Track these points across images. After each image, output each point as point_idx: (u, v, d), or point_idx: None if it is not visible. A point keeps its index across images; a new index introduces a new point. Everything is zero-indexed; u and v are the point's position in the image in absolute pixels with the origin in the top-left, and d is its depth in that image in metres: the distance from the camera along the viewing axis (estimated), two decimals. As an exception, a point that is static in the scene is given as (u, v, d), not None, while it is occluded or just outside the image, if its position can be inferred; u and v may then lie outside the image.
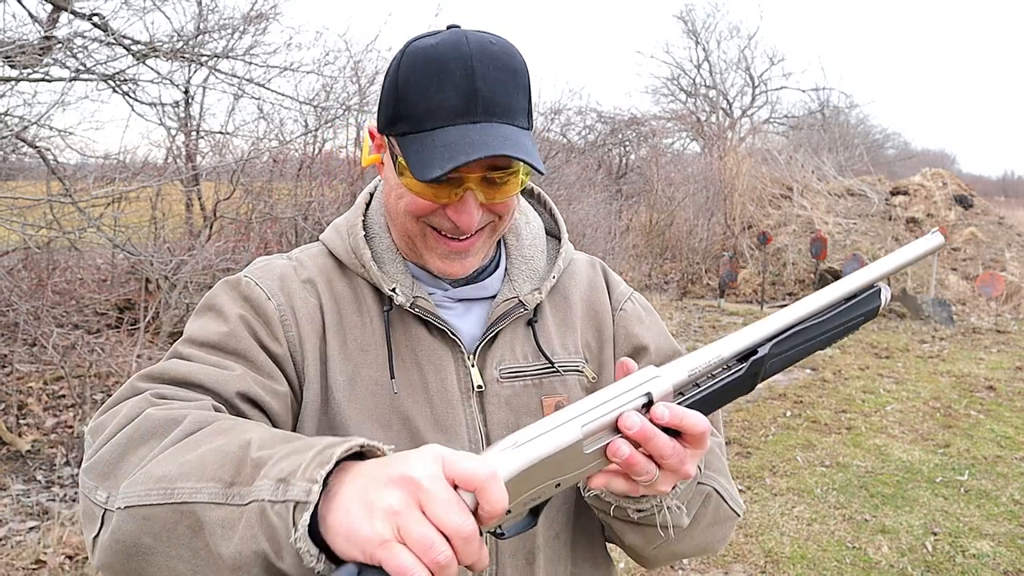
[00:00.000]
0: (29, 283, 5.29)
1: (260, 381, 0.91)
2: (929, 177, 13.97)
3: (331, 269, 1.03)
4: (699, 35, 22.65)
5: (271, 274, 1.00)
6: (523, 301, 1.03)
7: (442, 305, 1.02)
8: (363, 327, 0.99)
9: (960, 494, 4.46)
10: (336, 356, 0.97)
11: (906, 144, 32.03)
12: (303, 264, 1.04)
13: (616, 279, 1.17)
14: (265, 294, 0.97)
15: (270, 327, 0.95)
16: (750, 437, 5.39)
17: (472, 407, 0.99)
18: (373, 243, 1.03)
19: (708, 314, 10.40)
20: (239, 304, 0.96)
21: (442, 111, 0.87)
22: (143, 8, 5.42)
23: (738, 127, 20.96)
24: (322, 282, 1.01)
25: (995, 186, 39.34)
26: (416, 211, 0.93)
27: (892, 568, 3.61)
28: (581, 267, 1.15)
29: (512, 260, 1.07)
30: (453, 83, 0.87)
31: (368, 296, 1.01)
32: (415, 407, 0.97)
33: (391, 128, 0.92)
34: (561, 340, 1.06)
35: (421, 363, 0.99)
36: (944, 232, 3.45)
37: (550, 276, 1.06)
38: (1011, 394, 6.61)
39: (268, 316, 0.95)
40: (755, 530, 3.97)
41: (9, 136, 4.88)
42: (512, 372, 1.02)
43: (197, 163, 6.71)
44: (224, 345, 0.92)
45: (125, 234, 5.96)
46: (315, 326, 0.98)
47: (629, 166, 15.38)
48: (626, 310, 1.13)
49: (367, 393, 0.97)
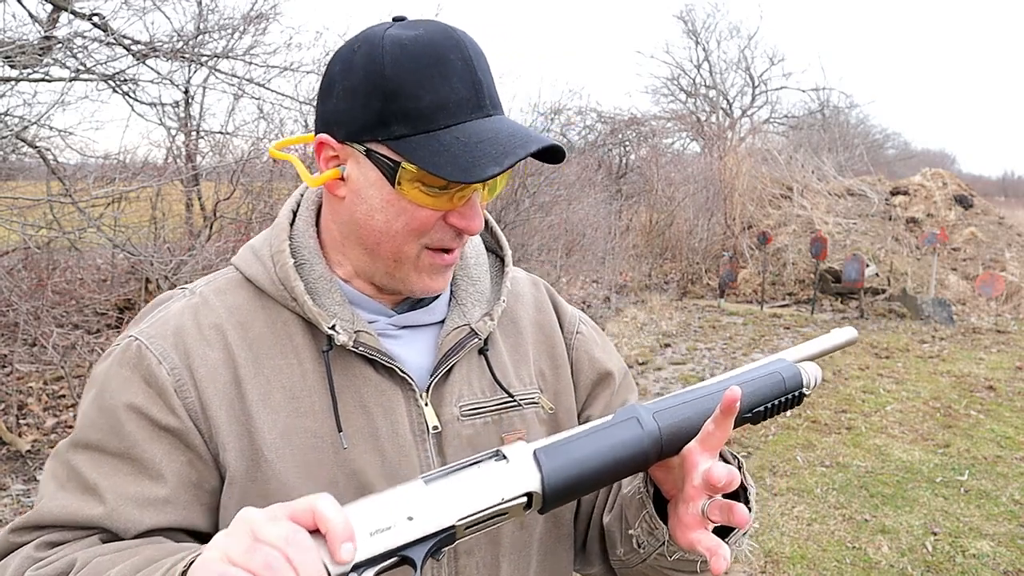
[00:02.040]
0: (29, 283, 5.29)
1: None
2: (929, 177, 13.97)
3: (245, 305, 0.88)
4: (699, 35, 22.65)
5: (165, 330, 0.85)
6: (475, 329, 0.92)
7: (385, 334, 0.90)
8: (291, 371, 0.85)
9: (960, 494, 4.46)
10: (261, 411, 0.83)
11: (906, 144, 32.06)
12: (208, 303, 0.88)
13: (562, 301, 1.08)
14: (156, 358, 0.83)
15: (164, 398, 0.82)
16: (750, 437, 5.39)
17: (428, 451, 0.88)
18: (303, 271, 0.88)
19: (708, 314, 10.40)
20: (130, 387, 0.83)
21: (453, 105, 0.78)
22: (143, 8, 5.42)
23: (738, 127, 20.95)
24: (233, 325, 0.86)
25: (995, 186, 39.32)
26: (420, 227, 0.82)
27: (892, 568, 3.61)
28: (524, 287, 1.04)
29: (457, 281, 0.96)
30: (458, 75, 0.79)
31: (297, 334, 0.87)
32: (364, 458, 0.85)
33: (377, 132, 0.79)
34: (515, 370, 0.96)
35: (368, 407, 0.86)
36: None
37: (499, 300, 0.96)
38: (1011, 394, 6.61)
39: (161, 386, 0.82)
40: (755, 530, 3.97)
41: (9, 136, 4.88)
42: (472, 409, 0.91)
43: (197, 163, 6.71)
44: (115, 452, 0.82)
45: (125, 234, 5.95)
46: (223, 384, 0.83)
47: (629, 166, 15.39)
48: (582, 333, 1.05)
49: (305, 448, 0.83)
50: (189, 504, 0.82)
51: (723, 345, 8.49)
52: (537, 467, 0.71)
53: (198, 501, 0.83)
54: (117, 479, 0.81)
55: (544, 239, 9.25)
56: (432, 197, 0.81)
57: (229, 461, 0.82)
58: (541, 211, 8.97)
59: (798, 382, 0.84)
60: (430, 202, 0.81)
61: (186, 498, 0.82)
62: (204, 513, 0.84)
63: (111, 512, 0.79)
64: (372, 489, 0.83)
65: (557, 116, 11.36)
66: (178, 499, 0.82)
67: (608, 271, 11.25)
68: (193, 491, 0.83)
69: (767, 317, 10.22)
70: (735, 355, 8.01)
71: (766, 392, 0.82)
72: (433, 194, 0.80)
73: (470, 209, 0.83)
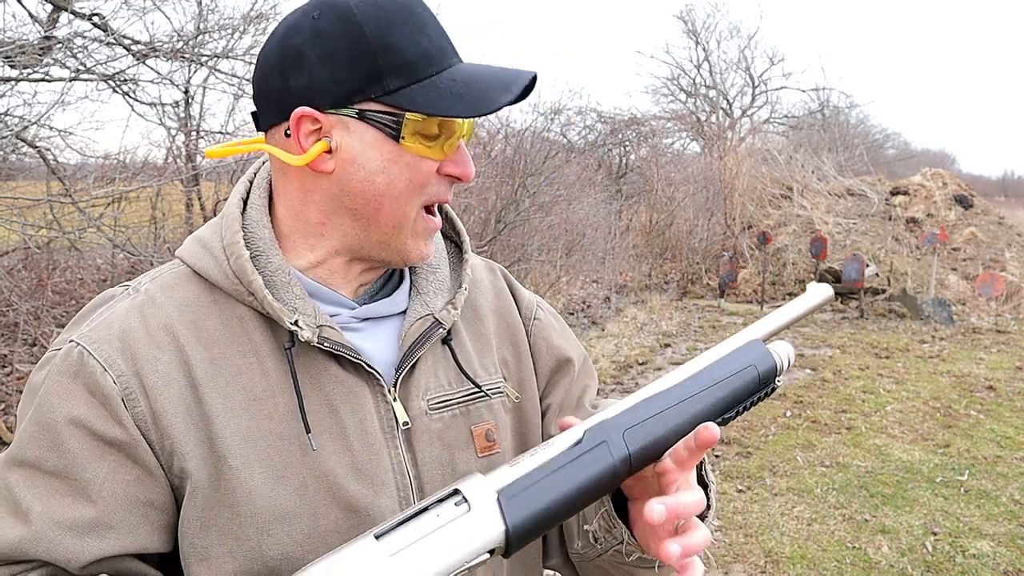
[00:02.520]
0: (29, 283, 5.29)
1: None
2: (929, 177, 13.97)
3: (195, 301, 0.82)
4: (699, 35, 22.65)
5: (109, 333, 0.79)
6: (439, 319, 0.88)
7: (348, 327, 0.86)
8: (251, 371, 0.80)
9: (960, 494, 4.46)
10: (222, 415, 0.78)
11: (906, 144, 32.08)
12: (154, 302, 0.82)
13: (519, 286, 1.05)
14: (101, 366, 0.76)
15: (109, 408, 0.76)
16: (750, 437, 5.39)
17: (398, 448, 0.84)
18: (259, 263, 0.83)
19: (708, 314, 10.40)
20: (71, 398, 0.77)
21: (437, 53, 0.79)
22: (143, 8, 5.42)
23: (738, 127, 20.95)
24: (184, 324, 0.80)
25: (995, 186, 39.31)
26: (423, 181, 0.81)
27: (892, 568, 3.61)
28: (482, 273, 1.01)
29: (417, 270, 0.92)
30: (430, 26, 0.80)
31: (255, 331, 0.82)
32: (334, 459, 0.80)
33: (370, 91, 0.77)
34: (480, 359, 0.93)
35: (335, 405, 0.82)
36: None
37: (461, 288, 0.92)
38: (1011, 394, 6.61)
39: (106, 395, 0.76)
40: (755, 530, 3.97)
41: (9, 136, 4.88)
42: (440, 401, 0.88)
43: (197, 163, 6.71)
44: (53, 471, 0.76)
45: (125, 234, 5.95)
46: (177, 389, 0.78)
47: (629, 166, 15.39)
48: (540, 319, 1.02)
49: (272, 452, 0.79)
50: (136, 526, 0.77)
51: (723, 345, 8.48)
52: (501, 516, 0.65)
53: (147, 521, 0.77)
54: (52, 502, 0.75)
55: (544, 239, 9.25)
56: (429, 148, 0.80)
57: (191, 470, 0.77)
58: (541, 211, 8.97)
59: (772, 371, 0.78)
60: (429, 152, 0.80)
61: (132, 520, 0.76)
62: (155, 533, 0.78)
63: (36, 537, 0.73)
64: (343, 492, 0.80)
65: (557, 116, 11.36)
66: (122, 523, 0.76)
67: (608, 271, 11.25)
68: (141, 511, 0.77)
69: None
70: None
71: (740, 394, 0.76)
72: (430, 144, 0.80)
73: (461, 155, 0.83)
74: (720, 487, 4.51)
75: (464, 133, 0.83)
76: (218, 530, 0.78)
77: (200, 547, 0.78)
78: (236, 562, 0.78)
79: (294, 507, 0.79)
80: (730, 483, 4.58)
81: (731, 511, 4.19)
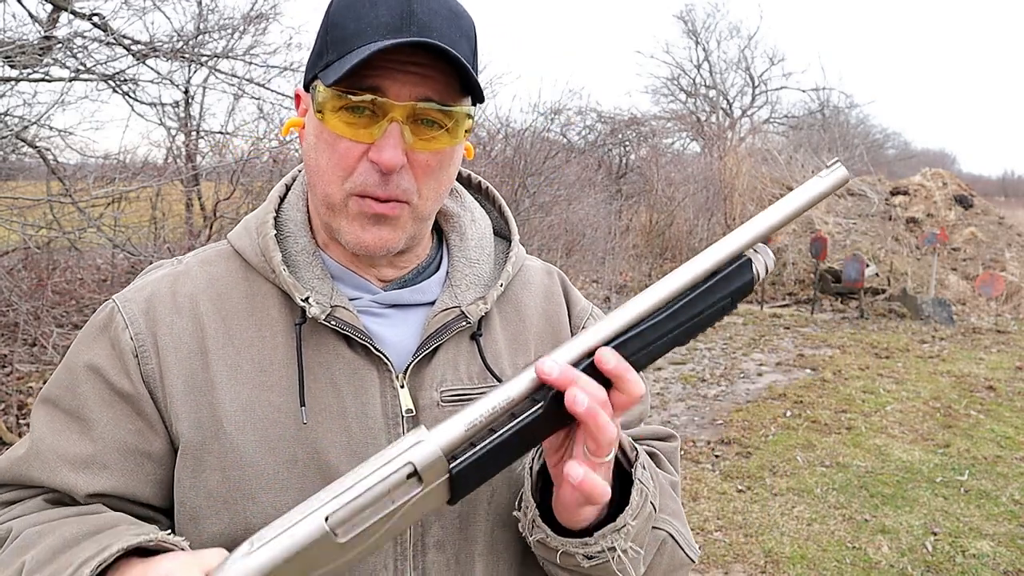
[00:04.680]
0: (29, 283, 5.29)
1: None
2: (929, 177, 13.98)
3: (226, 276, 0.87)
4: (699, 35, 22.66)
5: (140, 295, 0.86)
6: (465, 312, 0.87)
7: (368, 311, 0.86)
8: (263, 344, 0.83)
9: (960, 494, 4.46)
10: (226, 382, 0.81)
11: (906, 144, 32.09)
12: (189, 273, 0.88)
13: (575, 291, 1.02)
14: (124, 322, 0.83)
15: (123, 361, 0.82)
16: (750, 437, 5.39)
17: (399, 435, 0.83)
18: (287, 243, 0.87)
19: (708, 314, 10.39)
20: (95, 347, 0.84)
21: (370, 28, 0.75)
22: (143, 8, 5.43)
23: (738, 127, 20.96)
24: (208, 296, 0.85)
25: (995, 186, 39.32)
26: (340, 162, 0.78)
27: (892, 568, 3.61)
28: (536, 275, 0.99)
29: (455, 263, 0.92)
30: (386, 4, 0.76)
31: (274, 307, 0.85)
32: (328, 437, 0.81)
33: (316, 67, 0.80)
34: (511, 359, 0.91)
35: (338, 385, 0.83)
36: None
37: (497, 283, 0.91)
38: (1011, 394, 6.61)
39: (122, 349, 0.82)
40: (755, 530, 3.97)
41: (9, 136, 4.88)
42: (455, 395, 0.86)
43: (197, 163, 6.71)
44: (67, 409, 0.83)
45: (125, 234, 5.95)
46: (186, 353, 0.82)
47: (629, 166, 15.38)
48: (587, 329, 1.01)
49: (267, 422, 0.81)
50: (130, 472, 0.81)
51: (723, 345, 8.49)
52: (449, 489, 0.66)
53: (141, 470, 0.82)
54: (61, 437, 0.81)
55: (544, 239, 9.25)
56: (351, 127, 0.77)
57: (182, 431, 0.81)
58: (541, 211, 8.97)
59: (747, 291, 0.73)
60: (349, 131, 0.77)
61: (127, 466, 0.81)
62: (149, 484, 0.82)
63: (41, 464, 0.81)
64: (332, 471, 0.80)
65: (557, 116, 11.36)
66: (117, 466, 0.81)
67: (608, 271, 11.25)
68: (136, 460, 0.81)
69: (767, 317, 10.22)
70: (735, 355, 8.01)
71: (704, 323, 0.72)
72: (353, 122, 0.77)
73: (384, 140, 0.76)
74: (720, 487, 4.51)
75: (401, 118, 0.76)
76: (207, 492, 0.80)
77: (190, 507, 0.81)
78: (222, 524, 0.80)
79: (282, 478, 0.80)
80: (730, 483, 4.58)
81: (731, 511, 4.19)
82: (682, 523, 0.91)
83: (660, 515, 0.86)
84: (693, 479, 4.61)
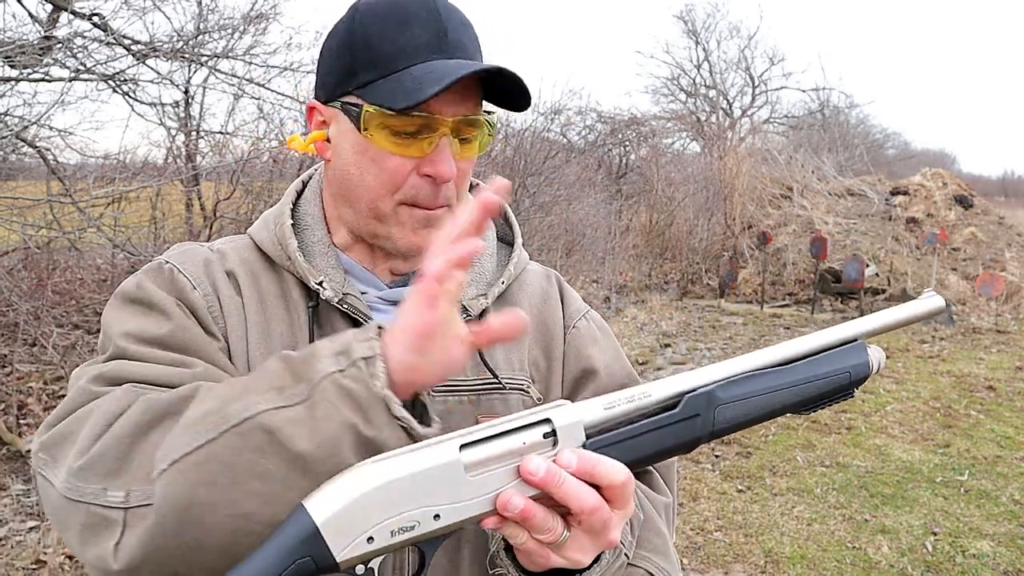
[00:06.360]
0: (29, 283, 5.29)
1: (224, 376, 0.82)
2: (929, 177, 13.97)
3: (256, 263, 0.93)
4: (699, 35, 22.67)
5: (194, 260, 0.90)
6: (466, 307, 0.92)
7: (374, 307, 0.91)
8: (290, 323, 0.89)
9: (960, 494, 4.46)
10: (258, 356, 0.86)
11: (906, 144, 32.12)
12: (225, 256, 0.93)
13: (572, 294, 1.06)
14: (190, 283, 0.86)
15: (201, 318, 0.85)
16: (750, 437, 5.39)
17: None
18: (303, 235, 0.94)
19: (708, 314, 10.40)
20: (172, 294, 0.86)
21: (412, 48, 0.81)
22: (143, 8, 5.42)
23: (738, 127, 20.96)
24: (245, 275, 0.91)
25: (995, 186, 39.33)
26: (390, 179, 0.84)
27: (892, 568, 3.61)
28: (534, 277, 1.04)
29: None
30: (420, 23, 0.82)
31: (294, 291, 0.91)
32: None
33: (347, 84, 0.84)
34: (505, 354, 0.95)
35: None
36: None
37: (498, 282, 0.96)
38: (1011, 394, 6.61)
39: (195, 306, 0.85)
40: (755, 530, 3.97)
41: (9, 136, 4.88)
42: (447, 385, 0.89)
43: (197, 163, 6.71)
44: (172, 342, 0.81)
45: (125, 234, 5.95)
46: (239, 320, 0.88)
47: (629, 166, 15.39)
48: (579, 328, 1.02)
49: None
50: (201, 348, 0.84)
51: (723, 345, 8.49)
52: None
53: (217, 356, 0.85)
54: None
55: (544, 239, 9.25)
56: (400, 145, 0.83)
57: None
58: (541, 211, 8.97)
59: (862, 379, 0.76)
60: (398, 149, 0.83)
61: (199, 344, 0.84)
62: None
63: (206, 371, 0.81)
64: None
65: (557, 116, 11.36)
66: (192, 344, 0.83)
67: (608, 271, 11.25)
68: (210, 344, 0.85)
69: (767, 317, 10.22)
70: (735, 355, 7.99)
71: (825, 395, 0.75)
72: (401, 141, 0.83)
73: (438, 154, 0.83)
74: (720, 487, 4.51)
75: (449, 132, 0.82)
76: None
77: None
78: None
79: None
80: (730, 483, 4.58)
81: (731, 511, 4.19)
82: (664, 558, 0.88)
83: (640, 552, 0.85)
84: (693, 479, 4.61)
